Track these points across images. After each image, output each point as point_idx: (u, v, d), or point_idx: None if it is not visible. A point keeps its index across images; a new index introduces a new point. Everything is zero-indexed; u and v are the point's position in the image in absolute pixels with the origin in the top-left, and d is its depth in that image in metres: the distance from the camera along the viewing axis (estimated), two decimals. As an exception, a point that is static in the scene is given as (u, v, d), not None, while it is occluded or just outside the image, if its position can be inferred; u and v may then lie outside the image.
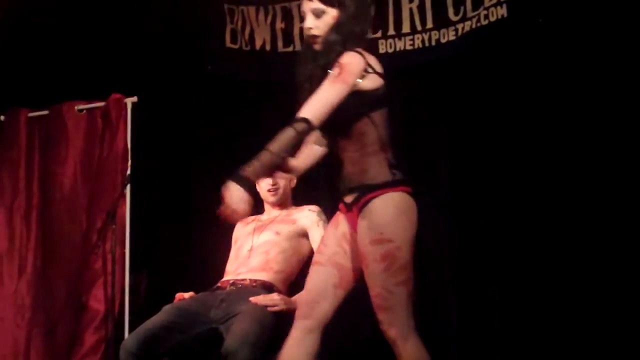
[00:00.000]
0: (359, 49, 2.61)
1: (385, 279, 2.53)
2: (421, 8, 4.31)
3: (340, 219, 2.73)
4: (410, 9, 4.34)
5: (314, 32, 2.65)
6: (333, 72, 2.54)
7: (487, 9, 4.05)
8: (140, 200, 4.74)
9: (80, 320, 4.61)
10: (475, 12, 4.09)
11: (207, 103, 4.70)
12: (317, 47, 2.67)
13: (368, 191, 2.58)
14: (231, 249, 3.84)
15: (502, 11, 3.99)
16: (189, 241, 4.49)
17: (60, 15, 4.94)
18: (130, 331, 3.94)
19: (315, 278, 2.69)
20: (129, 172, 4.74)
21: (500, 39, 4.03)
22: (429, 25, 4.28)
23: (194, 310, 3.40)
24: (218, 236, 4.04)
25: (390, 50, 4.38)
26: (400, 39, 4.36)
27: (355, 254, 2.66)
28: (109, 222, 4.35)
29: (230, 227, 3.93)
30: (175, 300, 3.57)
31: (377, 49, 4.39)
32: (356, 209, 2.62)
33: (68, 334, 4.64)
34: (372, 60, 2.64)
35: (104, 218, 4.52)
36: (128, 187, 4.67)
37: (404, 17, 4.36)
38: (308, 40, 2.71)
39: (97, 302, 4.60)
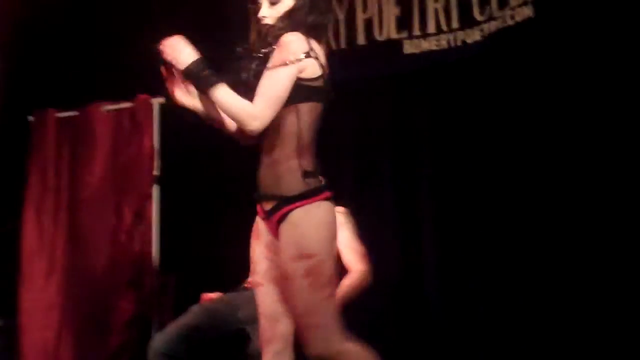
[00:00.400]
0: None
1: (310, 295, 2.41)
2: (446, 8, 4.30)
3: (260, 228, 2.60)
4: (436, 9, 4.33)
5: (267, 21, 2.58)
6: (275, 55, 2.47)
7: (512, 9, 4.04)
8: (168, 200, 4.76)
9: (110, 320, 4.65)
10: (501, 13, 4.09)
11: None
12: (270, 37, 2.58)
13: (285, 204, 2.46)
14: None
15: (528, 12, 3.98)
16: (216, 241, 4.52)
17: (86, 17, 4.99)
18: (158, 331, 3.96)
19: (263, 301, 2.58)
20: (156, 172, 4.77)
21: (526, 39, 4.02)
22: (455, 25, 4.28)
23: (221, 310, 3.43)
24: (245, 236, 4.06)
25: (415, 51, 4.38)
26: (425, 39, 4.36)
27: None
28: (137, 222, 4.40)
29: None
30: (202, 301, 3.60)
31: (402, 49, 4.41)
32: (274, 219, 2.50)
33: (97, 334, 4.69)
34: (317, 47, 2.55)
35: (132, 218, 4.56)
36: (156, 187, 4.71)
37: (429, 17, 4.35)
38: (262, 30, 2.60)
39: (126, 302, 4.62)
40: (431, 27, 4.34)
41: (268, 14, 2.57)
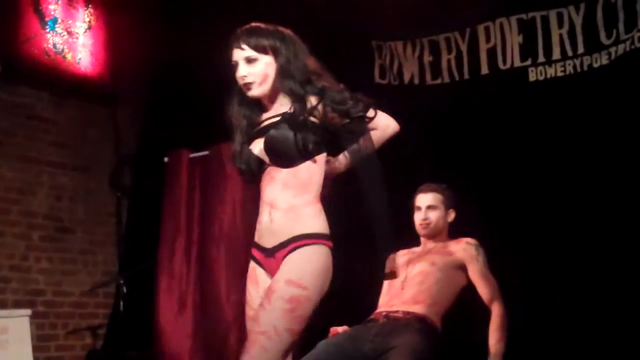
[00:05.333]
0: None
1: (281, 320, 2.43)
2: (571, 33, 4.22)
3: (257, 273, 2.64)
4: (560, 35, 4.27)
5: (248, 79, 2.60)
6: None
7: (640, 31, 3.93)
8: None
9: (240, 351, 4.72)
10: (629, 35, 3.97)
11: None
12: (250, 93, 2.62)
13: (297, 239, 2.51)
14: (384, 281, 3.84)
15: (657, 33, 3.87)
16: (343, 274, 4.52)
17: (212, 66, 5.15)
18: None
19: None
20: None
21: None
22: (581, 50, 4.19)
23: (348, 345, 3.40)
24: (371, 267, 4.06)
25: (540, 78, 4.32)
26: (550, 65, 4.29)
27: None
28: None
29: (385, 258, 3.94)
30: (330, 335, 3.59)
31: (527, 77, 4.34)
32: (280, 255, 2.54)
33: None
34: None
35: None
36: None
37: (554, 43, 4.29)
38: (242, 88, 2.63)
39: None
40: (556, 53, 4.27)
41: (247, 72, 2.61)
